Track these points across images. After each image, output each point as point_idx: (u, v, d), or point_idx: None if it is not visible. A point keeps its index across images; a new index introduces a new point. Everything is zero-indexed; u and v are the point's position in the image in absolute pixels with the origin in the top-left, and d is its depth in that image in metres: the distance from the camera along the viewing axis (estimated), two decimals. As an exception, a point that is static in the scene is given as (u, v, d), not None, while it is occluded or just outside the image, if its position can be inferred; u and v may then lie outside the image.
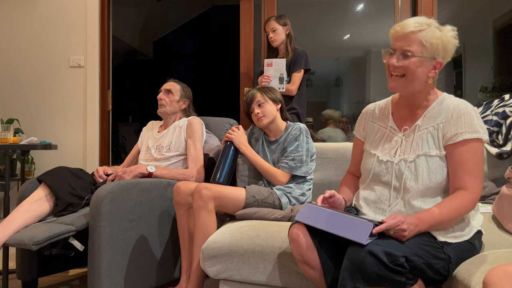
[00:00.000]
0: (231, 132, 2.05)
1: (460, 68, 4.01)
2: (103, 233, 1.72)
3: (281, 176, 1.92)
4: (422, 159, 1.27)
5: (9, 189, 2.23)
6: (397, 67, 1.26)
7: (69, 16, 3.14)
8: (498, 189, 1.97)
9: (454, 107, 1.27)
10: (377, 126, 1.44)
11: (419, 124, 1.31)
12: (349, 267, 1.09)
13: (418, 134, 1.30)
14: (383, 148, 1.37)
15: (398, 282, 1.05)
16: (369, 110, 1.50)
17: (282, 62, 2.48)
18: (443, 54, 1.27)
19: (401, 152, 1.31)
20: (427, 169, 1.25)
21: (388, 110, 1.43)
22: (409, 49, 1.24)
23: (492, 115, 2.21)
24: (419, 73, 1.26)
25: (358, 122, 1.53)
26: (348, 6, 4.08)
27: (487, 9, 3.93)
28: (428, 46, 1.24)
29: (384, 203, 1.32)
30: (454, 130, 1.24)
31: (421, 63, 1.25)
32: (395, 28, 1.29)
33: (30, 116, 3.13)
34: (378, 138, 1.41)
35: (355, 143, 1.55)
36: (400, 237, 1.11)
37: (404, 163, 1.29)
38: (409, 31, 1.24)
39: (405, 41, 1.25)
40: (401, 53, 1.25)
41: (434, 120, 1.29)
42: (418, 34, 1.24)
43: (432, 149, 1.27)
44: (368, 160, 1.40)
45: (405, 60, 1.25)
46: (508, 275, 0.88)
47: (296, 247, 1.29)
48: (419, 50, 1.24)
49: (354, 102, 4.53)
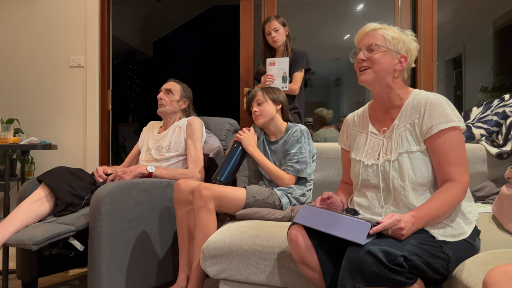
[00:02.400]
0: (241, 133, 2.05)
1: (460, 68, 4.01)
2: (103, 233, 1.72)
3: (288, 179, 1.93)
4: (404, 156, 1.29)
5: (9, 189, 2.23)
6: (364, 60, 1.34)
7: (69, 16, 3.14)
8: (498, 189, 1.97)
9: (426, 100, 1.30)
10: (358, 133, 1.48)
11: (396, 123, 1.35)
12: (348, 267, 1.09)
13: (397, 133, 1.33)
14: (367, 153, 1.40)
15: (398, 281, 1.05)
16: (349, 119, 1.55)
17: (285, 61, 2.47)
18: (406, 49, 1.35)
19: (384, 153, 1.34)
20: (411, 166, 1.28)
21: (366, 116, 1.47)
22: (372, 42, 1.33)
23: (492, 115, 2.21)
24: (385, 64, 1.32)
25: (341, 133, 1.58)
26: (348, 6, 4.08)
27: (487, 9, 3.93)
28: (390, 40, 1.33)
29: (377, 207, 1.34)
30: (429, 123, 1.27)
31: (385, 54, 1.33)
32: (358, 32, 1.39)
33: (30, 116, 3.13)
34: (361, 145, 1.44)
35: (342, 153, 1.59)
36: (399, 236, 1.12)
37: (388, 163, 1.32)
38: (371, 29, 1.36)
39: (368, 38, 1.35)
40: (366, 48, 1.34)
41: (409, 117, 1.33)
42: (379, 30, 1.35)
43: (413, 145, 1.30)
44: (355, 167, 1.43)
45: (370, 53, 1.33)
46: (508, 275, 0.88)
47: (295, 248, 1.29)
48: (382, 42, 1.33)
49: (354, 102, 4.53)
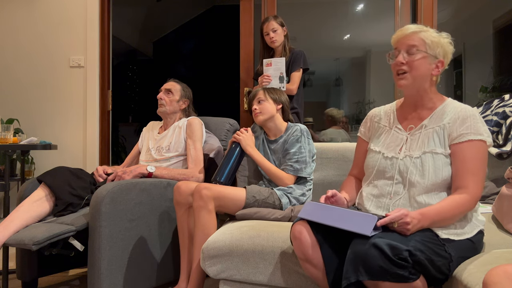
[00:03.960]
0: (239, 134, 2.05)
1: (460, 68, 4.01)
2: (103, 233, 1.72)
3: (288, 179, 1.93)
4: (428, 156, 1.30)
5: (9, 189, 2.23)
6: (403, 64, 1.32)
7: (69, 16, 3.14)
8: (498, 189, 1.97)
9: (461, 109, 1.32)
10: (382, 126, 1.48)
11: (425, 123, 1.36)
12: (353, 260, 1.10)
13: (424, 132, 1.34)
14: (388, 145, 1.41)
15: (401, 276, 1.06)
16: (375, 112, 1.55)
17: (281, 61, 2.47)
18: (444, 54, 1.34)
19: (406, 149, 1.35)
20: (433, 166, 1.29)
21: (393, 112, 1.48)
22: (413, 43, 1.31)
23: (492, 115, 2.21)
24: (424, 70, 1.32)
25: (363, 124, 1.58)
26: (348, 6, 4.08)
27: (487, 9, 3.94)
28: (430, 44, 1.31)
29: (386, 197, 1.34)
30: (460, 131, 1.29)
31: (425, 59, 1.31)
32: (397, 33, 1.37)
33: (30, 116, 3.13)
34: (383, 137, 1.45)
35: (358, 144, 1.58)
36: (404, 230, 1.13)
37: (409, 159, 1.33)
38: (411, 31, 1.33)
39: (409, 39, 1.33)
40: (406, 50, 1.32)
41: (440, 120, 1.34)
42: (419, 34, 1.32)
43: (438, 147, 1.31)
44: (372, 157, 1.43)
45: (410, 56, 1.32)
46: (509, 275, 0.87)
47: (299, 245, 1.29)
48: (422, 47, 1.31)
49: (354, 102, 4.52)
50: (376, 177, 1.41)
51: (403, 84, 1.34)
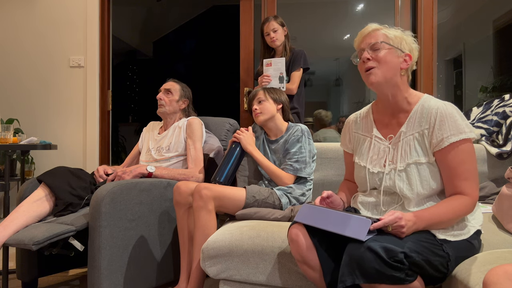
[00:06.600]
0: (239, 133, 2.05)
1: (460, 68, 4.01)
2: (103, 233, 1.72)
3: (287, 178, 1.93)
4: (412, 167, 1.27)
5: (9, 189, 2.23)
6: (369, 60, 1.30)
7: (69, 16, 3.14)
8: (498, 189, 1.97)
9: (436, 111, 1.26)
10: (362, 136, 1.45)
11: (403, 130, 1.32)
12: (348, 263, 1.09)
13: (405, 140, 1.31)
14: (372, 159, 1.38)
15: (397, 278, 1.05)
16: (351, 120, 1.52)
17: (281, 61, 2.48)
18: (409, 48, 1.32)
19: (390, 161, 1.32)
20: (419, 177, 1.26)
21: (370, 119, 1.44)
22: (376, 41, 1.30)
23: (492, 115, 2.21)
24: (391, 63, 1.29)
25: (343, 135, 1.55)
26: (348, 6, 4.08)
27: (487, 9, 3.93)
28: (393, 38, 1.31)
29: (382, 207, 1.34)
30: (440, 135, 1.24)
31: (391, 52, 1.30)
32: (358, 34, 1.36)
33: (30, 116, 3.13)
34: (365, 149, 1.41)
35: (345, 155, 1.57)
36: (399, 233, 1.12)
37: (394, 172, 1.30)
38: (372, 29, 1.33)
39: (371, 37, 1.32)
40: (370, 47, 1.31)
41: (418, 126, 1.30)
42: (381, 30, 1.32)
43: (421, 156, 1.27)
44: (360, 172, 1.41)
45: (375, 52, 1.30)
46: (508, 275, 0.87)
47: (296, 247, 1.29)
48: (386, 40, 1.31)
49: (354, 102, 4.53)
50: (369, 188, 1.39)
51: (374, 81, 1.29)
